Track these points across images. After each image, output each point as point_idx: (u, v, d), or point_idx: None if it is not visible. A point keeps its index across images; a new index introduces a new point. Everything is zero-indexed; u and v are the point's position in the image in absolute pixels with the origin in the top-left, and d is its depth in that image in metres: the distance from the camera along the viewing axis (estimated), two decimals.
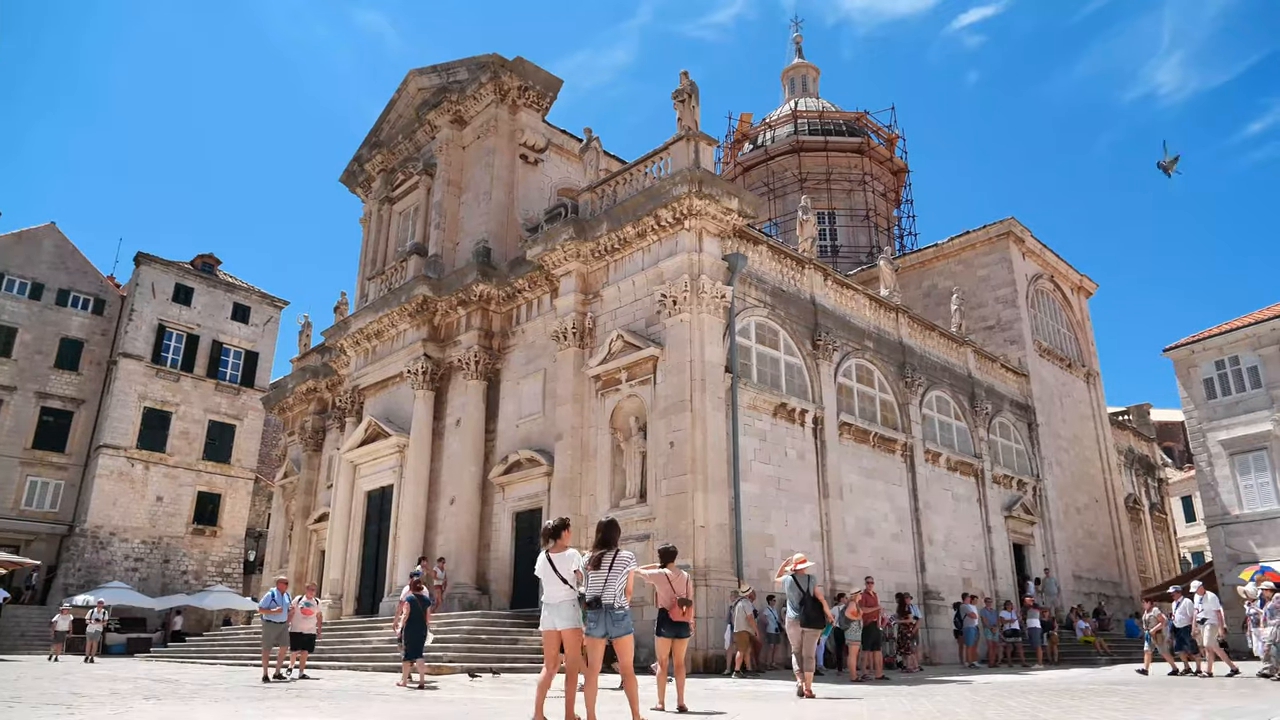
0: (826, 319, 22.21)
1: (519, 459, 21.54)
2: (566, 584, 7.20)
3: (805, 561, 11.92)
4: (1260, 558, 27.54)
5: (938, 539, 24.03)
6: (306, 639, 15.69)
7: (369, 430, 25.82)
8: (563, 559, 7.29)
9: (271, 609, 15.16)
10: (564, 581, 7.19)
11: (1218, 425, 29.71)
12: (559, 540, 7.38)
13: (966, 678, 16.49)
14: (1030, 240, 34.16)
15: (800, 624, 11.47)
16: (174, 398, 43.75)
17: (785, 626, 12.67)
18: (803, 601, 11.49)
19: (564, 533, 7.44)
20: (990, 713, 9.40)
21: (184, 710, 9.72)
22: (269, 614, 15.18)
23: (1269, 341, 28.99)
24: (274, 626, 15.14)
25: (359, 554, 25.53)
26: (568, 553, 7.35)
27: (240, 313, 47.50)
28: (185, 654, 25.58)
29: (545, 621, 7.28)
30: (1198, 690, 12.80)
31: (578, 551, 7.41)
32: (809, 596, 11.54)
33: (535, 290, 22.93)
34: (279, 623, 15.17)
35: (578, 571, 7.24)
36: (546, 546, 7.38)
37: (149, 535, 41.42)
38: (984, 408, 27.70)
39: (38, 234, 43.80)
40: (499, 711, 9.75)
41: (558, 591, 7.21)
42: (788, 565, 11.89)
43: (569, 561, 7.27)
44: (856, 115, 43.95)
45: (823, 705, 10.34)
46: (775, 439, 19.84)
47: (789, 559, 12.24)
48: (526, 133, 26.44)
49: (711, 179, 18.88)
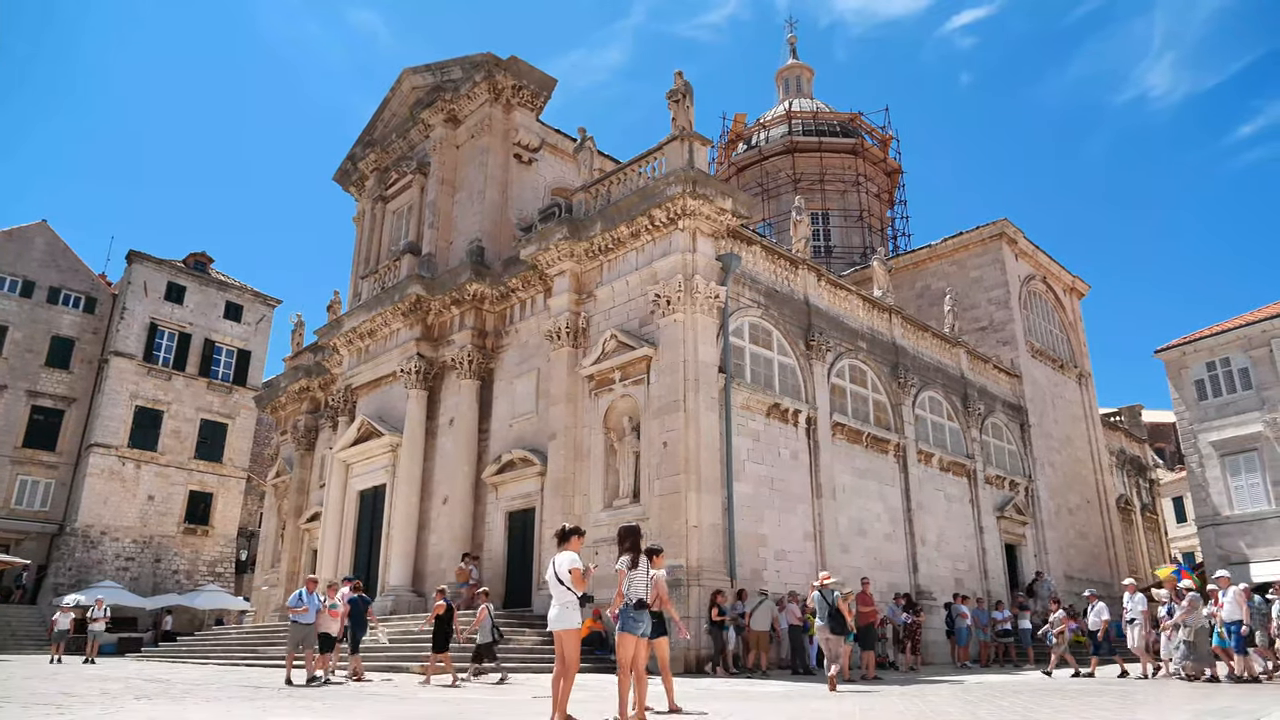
0: (820, 319, 22.24)
1: (512, 459, 21.52)
2: (562, 585, 7.31)
3: (830, 578, 13.99)
4: (1250, 558, 27.71)
5: (930, 539, 24.08)
6: (328, 639, 14.74)
7: (362, 429, 25.77)
8: (558, 560, 7.41)
9: (298, 609, 14.46)
10: (560, 582, 7.31)
11: (1209, 426, 29.86)
12: (568, 542, 7.54)
13: (958, 678, 16.54)
14: (1023, 241, 34.25)
15: (829, 631, 13.41)
16: (166, 396, 43.58)
17: (816, 634, 14.93)
18: (831, 613, 13.42)
19: (573, 538, 7.65)
20: (982, 712, 9.43)
21: (175, 710, 9.69)
22: (295, 614, 14.50)
23: (1260, 343, 29.14)
24: (301, 628, 14.46)
25: (351, 554, 25.46)
26: (562, 554, 7.46)
27: (233, 311, 47.33)
28: (177, 654, 25.50)
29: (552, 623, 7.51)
30: (1188, 691, 12.85)
31: (573, 554, 7.51)
32: (834, 608, 13.44)
33: (529, 290, 22.92)
34: (306, 624, 14.47)
35: (574, 570, 7.35)
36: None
37: (140, 534, 41.26)
38: (976, 408, 27.77)
39: (29, 232, 43.59)
40: (492, 711, 9.74)
41: (557, 592, 7.35)
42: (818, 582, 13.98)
43: (560, 561, 7.41)
44: (850, 116, 44.00)
45: (814, 705, 10.36)
46: (768, 439, 19.86)
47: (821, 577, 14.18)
48: (520, 132, 26.42)
49: (705, 179, 18.88)
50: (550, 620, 7.47)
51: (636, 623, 7.39)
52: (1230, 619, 14.41)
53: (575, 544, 7.58)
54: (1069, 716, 9.05)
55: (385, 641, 17.50)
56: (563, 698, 7.20)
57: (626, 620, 7.43)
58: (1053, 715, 9.20)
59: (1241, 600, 14.52)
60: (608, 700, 8.09)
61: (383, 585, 23.30)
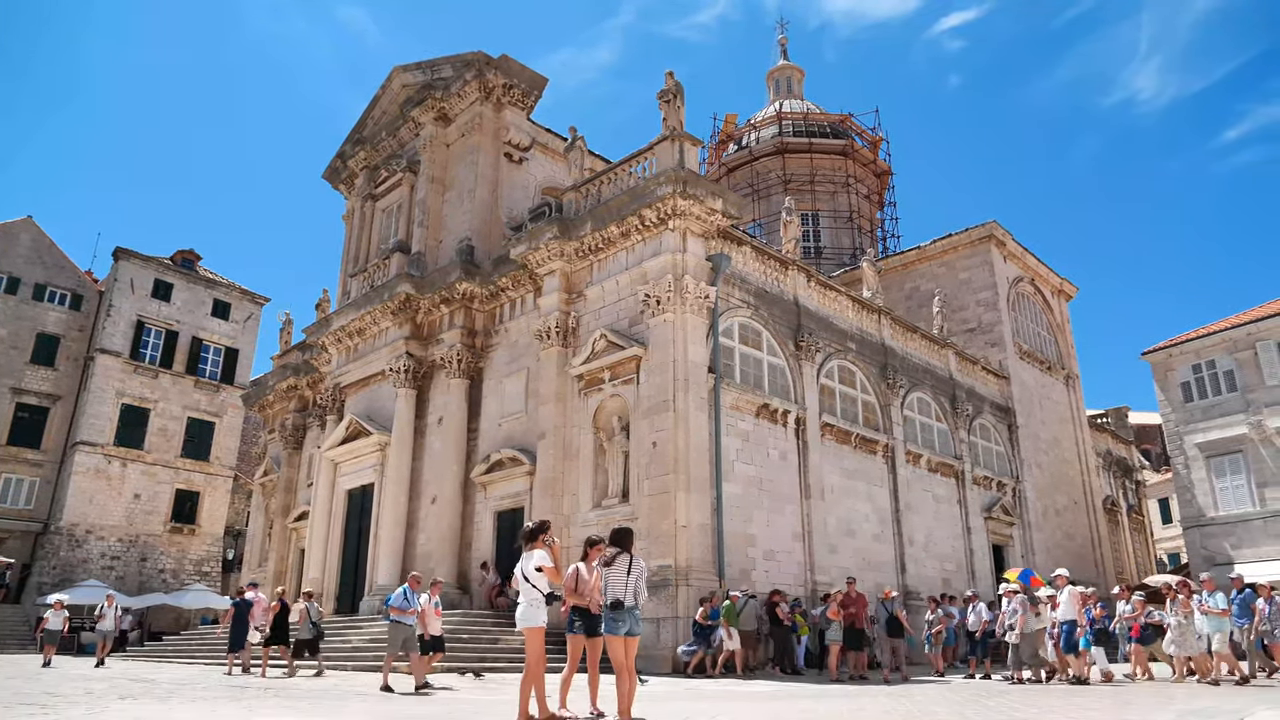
0: (809, 320, 22.28)
1: (501, 458, 21.48)
2: (528, 582, 7.47)
3: (892, 592, 17.26)
4: (1235, 559, 27.89)
5: (918, 540, 24.17)
6: (437, 640, 13.77)
7: (350, 428, 25.67)
8: (526, 559, 7.56)
9: (405, 609, 13.40)
10: (526, 580, 7.47)
11: (1194, 428, 30.05)
12: (536, 542, 7.60)
13: (945, 678, 16.61)
14: (1011, 243, 34.41)
15: (887, 634, 16.63)
16: (152, 394, 43.28)
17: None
18: (889, 619, 16.55)
19: (543, 536, 7.73)
20: (969, 712, 9.47)
21: (161, 710, 9.63)
22: (400, 614, 13.41)
23: (1245, 346, 29.35)
24: (403, 629, 13.39)
25: (339, 553, 25.36)
26: (532, 553, 7.60)
27: (220, 309, 47.04)
28: (162, 653, 25.33)
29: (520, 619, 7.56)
30: (1169, 691, 12.95)
31: (543, 552, 7.61)
32: (892, 615, 16.49)
33: (519, 289, 22.88)
34: (409, 625, 13.40)
35: (545, 569, 7.47)
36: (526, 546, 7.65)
37: (126, 533, 40.98)
38: (965, 409, 27.89)
39: (14, 228, 43.22)
40: (480, 711, 9.73)
41: (524, 590, 7.47)
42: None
43: (529, 561, 7.55)
44: (841, 117, 44.11)
45: (802, 705, 10.37)
46: (758, 439, 19.89)
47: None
48: (511, 131, 26.36)
49: (696, 179, 18.90)
50: (517, 618, 7.64)
51: (616, 623, 7.42)
52: (1064, 619, 14.44)
53: (542, 542, 7.67)
54: (1056, 716, 9.09)
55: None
56: (524, 697, 7.28)
57: (607, 623, 7.46)
58: (1039, 715, 9.24)
59: (1077, 601, 14.56)
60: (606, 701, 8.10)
61: (370, 585, 23.20)
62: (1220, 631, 14.23)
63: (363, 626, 20.17)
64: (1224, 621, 14.31)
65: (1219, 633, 14.21)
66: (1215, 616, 14.32)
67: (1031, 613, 14.88)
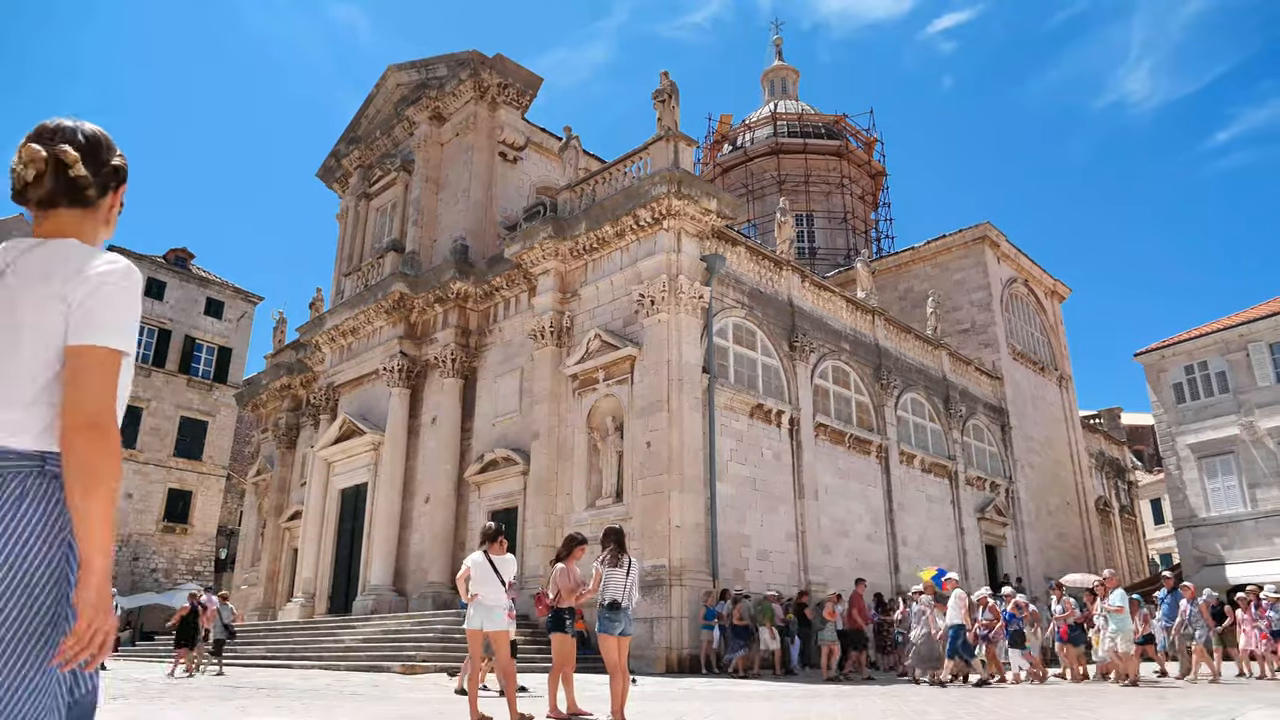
0: (804, 321, 22.30)
1: (495, 458, 21.45)
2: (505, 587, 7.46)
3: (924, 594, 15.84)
4: (1226, 560, 28.02)
5: (911, 540, 24.20)
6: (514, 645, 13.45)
7: (344, 428, 25.61)
8: (504, 562, 7.51)
9: None
10: (504, 584, 7.42)
11: (1186, 429, 30.17)
12: (497, 543, 7.58)
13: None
14: (1005, 244, 34.49)
15: None
16: (145, 393, 43.12)
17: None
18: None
19: (501, 537, 7.67)
20: (961, 712, 9.49)
21: (152, 710, 9.61)
22: None
23: (1237, 347, 29.47)
24: None
25: (332, 553, 25.30)
26: (509, 556, 7.59)
27: (214, 308, 46.89)
28: (154, 653, 25.24)
29: (472, 620, 7.40)
30: (1161, 690, 12.99)
31: (512, 557, 7.66)
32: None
33: (513, 289, 22.85)
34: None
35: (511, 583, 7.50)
36: (484, 547, 7.56)
37: (117, 532, 40.75)
38: (958, 410, 27.94)
39: (6, 225, 42.99)
40: None
41: (494, 593, 7.37)
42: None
43: (509, 565, 7.51)
44: (835, 118, 44.17)
45: (794, 705, 10.39)
46: (752, 440, 19.90)
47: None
48: (506, 130, 26.34)
49: (690, 179, 18.90)
50: (486, 623, 7.59)
51: (611, 623, 7.45)
52: (951, 623, 14.52)
53: (504, 543, 7.72)
54: (1047, 716, 9.12)
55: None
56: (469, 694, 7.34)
57: (602, 622, 7.49)
58: (1031, 714, 9.27)
59: (962, 605, 14.61)
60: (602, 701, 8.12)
61: (364, 584, 23.17)
62: (1123, 631, 14.14)
63: (356, 626, 20.15)
64: (1125, 619, 14.18)
65: (1122, 632, 14.14)
66: (1115, 614, 14.16)
67: (938, 612, 14.93)
